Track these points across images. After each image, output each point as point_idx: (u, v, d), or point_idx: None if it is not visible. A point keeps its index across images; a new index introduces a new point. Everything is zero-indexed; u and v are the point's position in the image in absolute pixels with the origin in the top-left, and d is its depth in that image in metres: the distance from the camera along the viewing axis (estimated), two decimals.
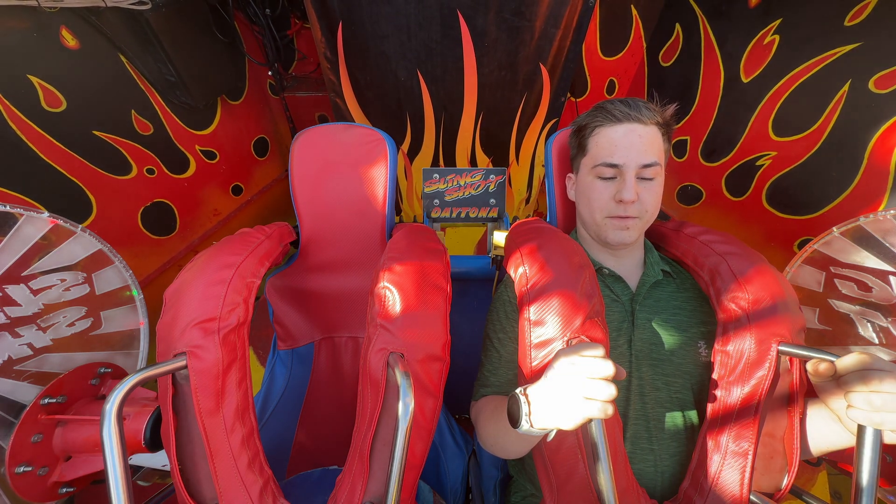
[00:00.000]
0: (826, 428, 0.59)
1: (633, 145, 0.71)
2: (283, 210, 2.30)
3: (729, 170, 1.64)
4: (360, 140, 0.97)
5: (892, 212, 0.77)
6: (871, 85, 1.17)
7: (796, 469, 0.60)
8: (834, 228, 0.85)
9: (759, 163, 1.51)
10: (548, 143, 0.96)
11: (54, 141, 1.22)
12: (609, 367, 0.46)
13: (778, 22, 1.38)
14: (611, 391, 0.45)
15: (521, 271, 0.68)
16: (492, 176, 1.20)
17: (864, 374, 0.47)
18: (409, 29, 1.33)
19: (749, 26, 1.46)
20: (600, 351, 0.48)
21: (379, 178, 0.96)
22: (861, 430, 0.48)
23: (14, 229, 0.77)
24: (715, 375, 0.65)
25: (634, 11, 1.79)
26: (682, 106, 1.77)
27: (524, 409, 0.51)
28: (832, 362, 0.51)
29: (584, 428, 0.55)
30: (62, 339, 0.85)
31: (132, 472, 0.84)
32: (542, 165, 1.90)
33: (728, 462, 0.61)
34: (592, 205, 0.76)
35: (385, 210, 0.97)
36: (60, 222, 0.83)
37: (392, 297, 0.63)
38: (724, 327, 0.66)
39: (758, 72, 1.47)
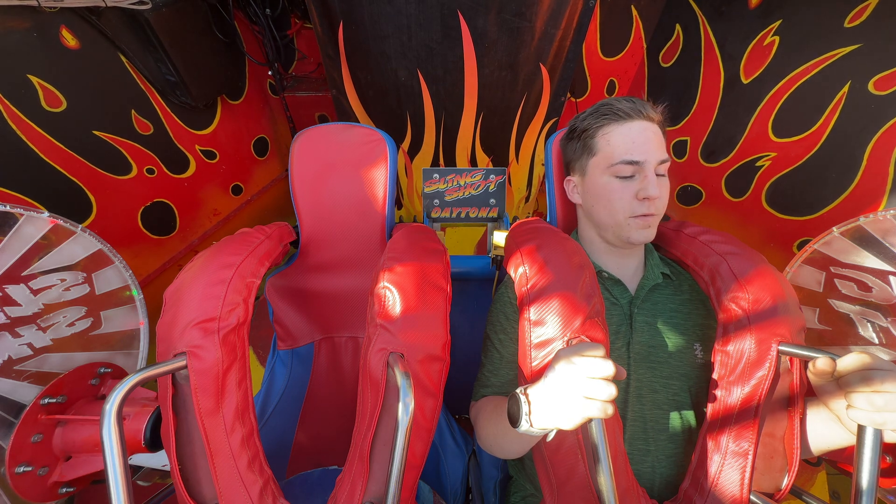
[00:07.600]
0: (825, 428, 0.59)
1: (650, 141, 0.70)
2: (283, 210, 2.30)
3: (729, 170, 1.64)
4: (360, 140, 0.97)
5: (891, 212, 0.77)
6: (870, 86, 1.17)
7: (796, 469, 0.60)
8: (834, 228, 0.85)
9: (758, 163, 1.52)
10: (548, 143, 0.96)
11: (54, 141, 1.22)
12: (609, 367, 0.46)
13: (778, 23, 1.38)
14: (611, 391, 0.45)
15: (521, 271, 0.68)
16: (492, 176, 1.20)
17: (865, 374, 0.47)
18: (409, 29, 1.33)
19: (749, 27, 1.46)
20: (600, 351, 0.49)
21: (379, 179, 0.96)
22: (861, 429, 0.48)
23: (14, 229, 0.77)
24: (715, 375, 0.65)
25: (634, 12, 1.79)
26: (682, 106, 1.77)
27: (524, 408, 0.51)
28: (833, 362, 0.51)
29: (584, 428, 0.55)
30: (62, 339, 0.85)
31: (132, 472, 0.84)
32: (542, 164, 1.90)
33: (728, 462, 0.61)
34: (614, 206, 0.72)
35: (385, 210, 0.97)
36: (60, 222, 0.83)
37: (392, 297, 0.63)
38: (724, 327, 0.66)
39: (758, 73, 1.47)
